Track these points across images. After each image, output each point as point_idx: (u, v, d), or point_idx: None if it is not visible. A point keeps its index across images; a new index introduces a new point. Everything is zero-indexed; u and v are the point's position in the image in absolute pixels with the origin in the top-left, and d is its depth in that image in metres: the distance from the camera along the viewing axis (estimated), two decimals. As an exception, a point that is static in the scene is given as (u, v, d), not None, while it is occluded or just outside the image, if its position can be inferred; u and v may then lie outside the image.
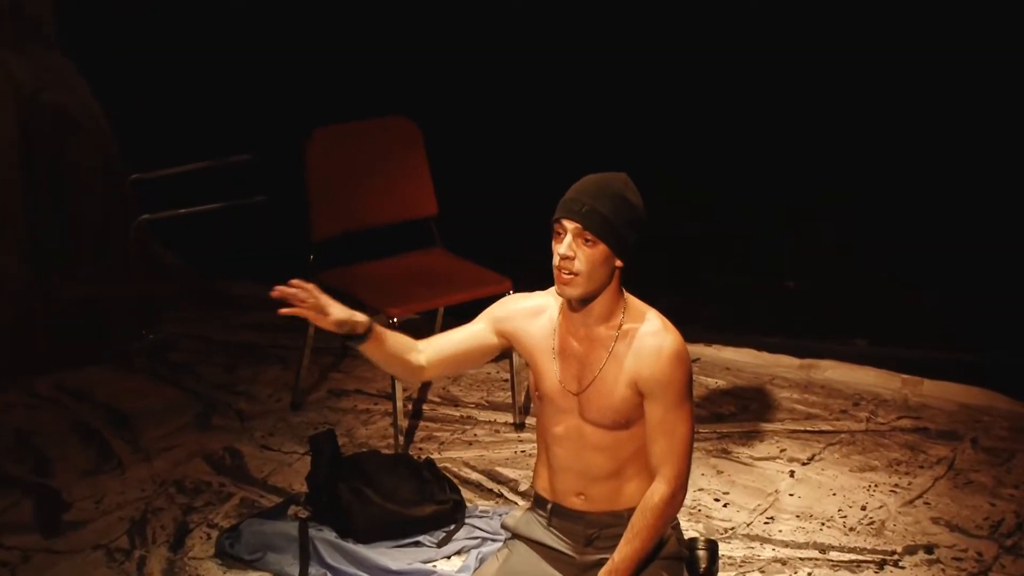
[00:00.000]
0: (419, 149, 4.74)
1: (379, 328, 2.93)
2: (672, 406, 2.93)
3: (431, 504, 3.93)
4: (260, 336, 5.21)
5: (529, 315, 3.04)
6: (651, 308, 3.00)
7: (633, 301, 3.00)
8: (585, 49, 5.32)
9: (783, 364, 4.97)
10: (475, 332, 3.06)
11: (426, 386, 4.88)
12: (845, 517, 4.04)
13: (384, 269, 4.66)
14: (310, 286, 2.82)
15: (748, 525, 4.01)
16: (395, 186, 4.73)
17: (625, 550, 2.90)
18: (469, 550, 3.83)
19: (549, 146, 5.42)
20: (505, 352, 3.12)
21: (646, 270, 3.25)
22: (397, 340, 2.99)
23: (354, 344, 2.93)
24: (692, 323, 3.07)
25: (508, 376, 4.80)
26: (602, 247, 2.89)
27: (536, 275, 3.49)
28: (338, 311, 2.84)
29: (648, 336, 2.94)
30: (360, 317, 2.89)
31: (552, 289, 3.04)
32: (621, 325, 2.96)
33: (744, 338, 5.10)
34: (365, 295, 4.50)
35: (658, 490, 2.93)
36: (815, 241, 5.29)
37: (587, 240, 2.89)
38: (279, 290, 2.78)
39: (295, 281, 2.79)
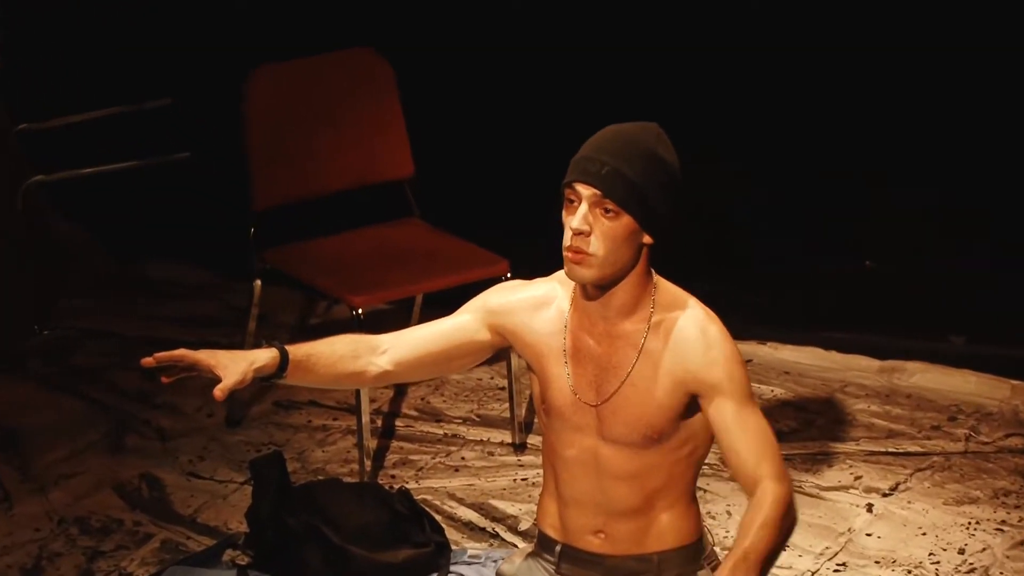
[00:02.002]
0: (391, 92, 4.74)
1: (297, 353, 2.93)
2: (742, 397, 2.91)
3: (406, 547, 3.94)
4: (186, 332, 5.21)
5: (533, 307, 3.03)
6: (690, 295, 3.00)
7: (665, 286, 2.99)
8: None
9: (858, 367, 4.97)
10: (461, 325, 3.04)
11: (400, 396, 4.89)
12: (938, 563, 4.05)
13: (345, 246, 4.66)
14: (178, 352, 2.82)
15: (814, 574, 4.01)
16: (360, 140, 4.72)
17: (755, 537, 2.85)
18: (455, 606, 3.85)
19: (555, 90, 5.41)
20: (499, 353, 3.11)
21: (681, 247, 3.25)
22: (335, 352, 2.98)
23: (274, 381, 2.94)
24: (742, 314, 3.07)
25: (504, 383, 4.80)
26: (626, 219, 2.87)
27: (539, 255, 3.49)
28: (231, 372, 2.83)
29: (688, 327, 2.94)
30: (263, 356, 2.89)
31: (558, 274, 3.02)
32: (651, 317, 2.96)
33: (808, 334, 5.08)
34: (321, 280, 4.50)
35: (770, 490, 2.88)
36: (900, 211, 5.29)
37: (607, 210, 2.87)
38: (145, 361, 2.80)
39: (160, 354, 2.81)
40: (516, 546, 4.10)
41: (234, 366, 2.85)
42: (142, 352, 2.84)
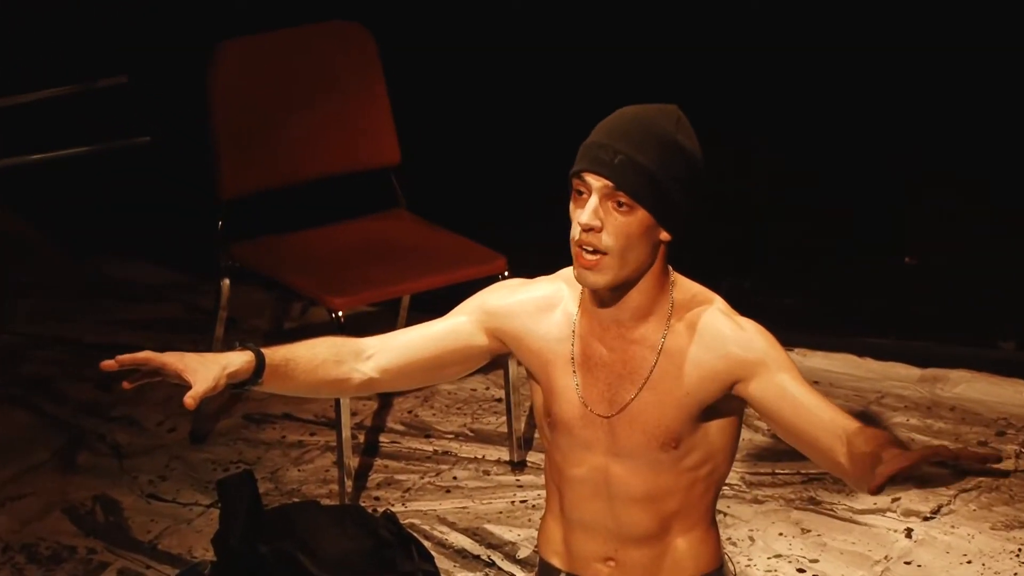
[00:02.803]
0: (375, 70, 4.73)
1: (275, 357, 2.93)
2: (793, 370, 2.93)
3: (392, 578, 3.93)
4: (147, 338, 5.20)
5: (536, 309, 3.03)
6: (712, 292, 2.99)
7: (684, 284, 2.99)
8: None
9: (897, 376, 4.97)
10: (455, 329, 3.04)
11: (385, 409, 4.88)
12: (986, 595, 4.06)
13: (324, 241, 4.66)
14: (143, 355, 2.80)
15: (847, 607, 4.03)
16: (340, 123, 4.72)
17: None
18: (447, 644, 3.84)
19: (555, 70, 5.41)
20: (495, 360, 3.10)
21: (701, 242, 3.23)
22: (316, 356, 2.98)
23: (248, 389, 2.92)
24: (768, 317, 3.04)
25: (501, 394, 4.79)
26: (641, 213, 2.86)
27: (541, 252, 3.47)
28: (203, 378, 2.82)
29: (716, 318, 2.94)
30: (236, 360, 2.88)
31: (564, 272, 3.02)
32: (670, 317, 2.95)
33: (841, 339, 5.09)
34: (297, 279, 4.49)
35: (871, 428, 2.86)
36: (944, 201, 5.29)
37: (621, 204, 2.86)
38: (105, 364, 2.78)
39: (123, 357, 2.79)
40: (515, 576, 4.10)
41: (205, 371, 2.83)
42: (97, 360, 2.82)
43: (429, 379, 3.10)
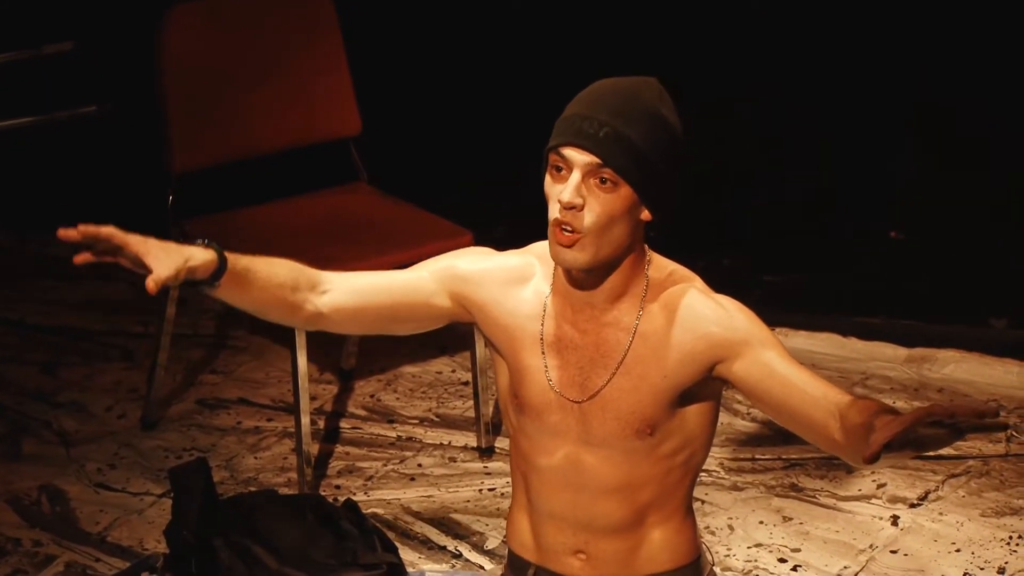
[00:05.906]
0: (333, 36, 4.72)
1: (236, 264, 2.92)
2: (779, 346, 2.93)
3: (354, 570, 3.95)
4: (95, 319, 5.21)
5: (506, 281, 3.03)
6: (692, 273, 2.99)
7: (659, 262, 2.99)
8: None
9: (883, 356, 4.99)
10: (417, 285, 3.03)
11: (346, 393, 4.89)
12: (975, 585, 4.09)
13: (280, 217, 4.66)
14: (107, 230, 2.82)
15: (830, 598, 4.05)
16: (297, 92, 4.72)
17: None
18: (412, 639, 3.86)
19: (521, 33, 5.41)
20: (460, 342, 3.11)
21: (678, 218, 3.25)
22: (275, 275, 2.98)
23: (203, 290, 2.93)
24: (749, 295, 3.07)
25: (467, 377, 4.81)
26: (625, 191, 2.86)
27: (507, 226, 3.49)
28: (165, 265, 2.81)
29: (695, 298, 2.94)
30: (199, 255, 2.86)
31: (536, 247, 3.02)
32: (644, 300, 2.97)
33: (825, 318, 5.10)
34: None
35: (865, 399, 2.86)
36: (931, 173, 5.31)
37: (604, 180, 2.86)
38: (63, 233, 2.79)
39: (84, 227, 2.81)
40: (482, 567, 4.12)
41: (167, 258, 2.82)
42: (44, 343, 2.83)
43: (380, 328, 3.08)
